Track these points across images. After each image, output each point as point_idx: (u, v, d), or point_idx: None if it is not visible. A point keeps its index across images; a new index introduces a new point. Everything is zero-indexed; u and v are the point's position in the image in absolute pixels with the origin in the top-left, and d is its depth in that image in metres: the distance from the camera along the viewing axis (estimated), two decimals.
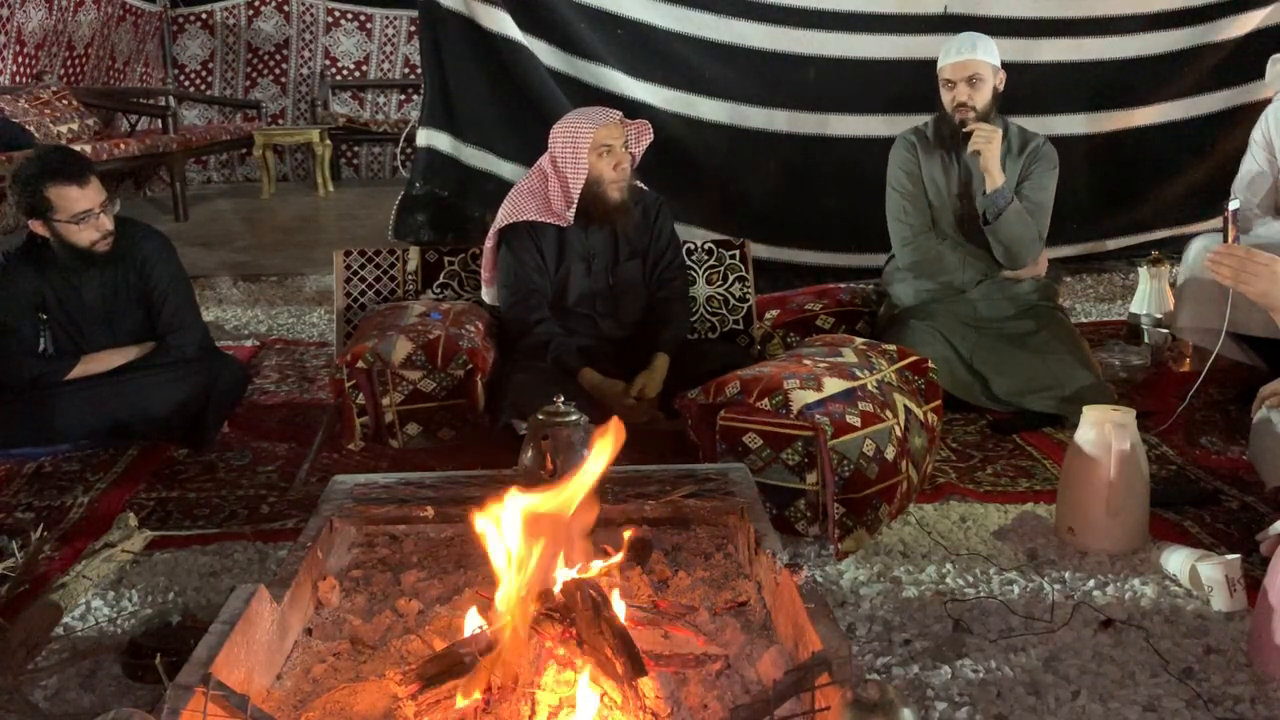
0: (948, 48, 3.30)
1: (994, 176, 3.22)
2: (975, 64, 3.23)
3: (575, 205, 3.07)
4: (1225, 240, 2.45)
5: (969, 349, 3.26)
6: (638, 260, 3.23)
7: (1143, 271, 3.93)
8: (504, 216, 3.16)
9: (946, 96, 3.31)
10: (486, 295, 3.35)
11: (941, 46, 3.34)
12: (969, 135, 3.22)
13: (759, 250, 4.16)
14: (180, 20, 8.77)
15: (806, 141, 4.87)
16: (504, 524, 1.65)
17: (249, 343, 4.22)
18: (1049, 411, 3.13)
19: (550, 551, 1.65)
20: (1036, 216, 3.31)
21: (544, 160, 3.16)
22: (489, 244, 3.26)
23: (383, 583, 2.05)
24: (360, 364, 2.99)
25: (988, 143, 3.19)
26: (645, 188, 3.25)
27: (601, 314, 3.20)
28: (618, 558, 1.91)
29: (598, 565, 1.82)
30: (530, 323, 3.10)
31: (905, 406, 2.52)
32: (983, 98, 3.25)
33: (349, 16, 9.13)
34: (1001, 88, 3.31)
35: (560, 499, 1.65)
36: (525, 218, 3.11)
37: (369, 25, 9.15)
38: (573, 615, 1.60)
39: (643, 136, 3.18)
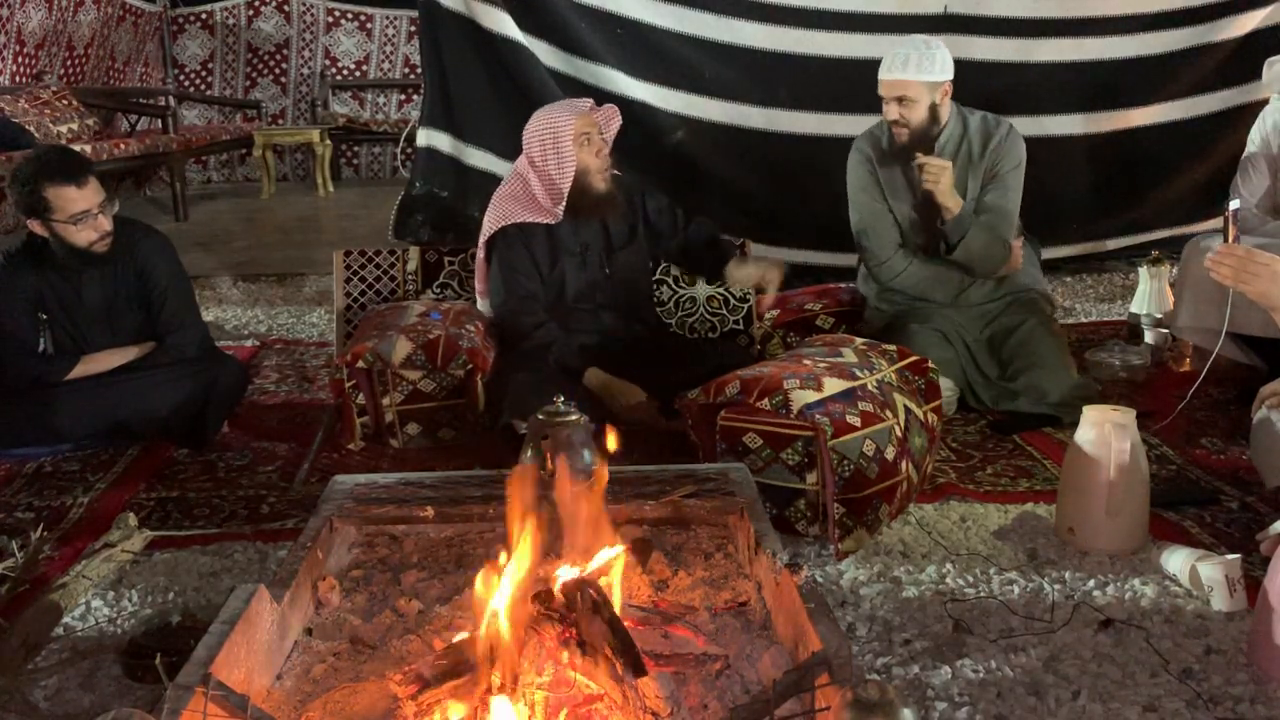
0: (885, 59, 3.19)
1: (949, 210, 3.16)
2: (902, 85, 3.13)
3: (565, 199, 3.06)
4: (1225, 240, 2.45)
5: (959, 352, 3.26)
6: (637, 243, 3.22)
7: (1143, 271, 3.93)
8: (490, 224, 3.15)
9: (884, 109, 3.22)
10: (482, 306, 3.34)
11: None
12: (921, 163, 3.13)
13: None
14: (180, 20, 8.76)
15: (806, 141, 4.87)
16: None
17: (249, 343, 4.22)
18: (1041, 413, 3.13)
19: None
20: (1001, 222, 3.23)
21: (520, 164, 3.15)
22: (479, 255, 3.25)
23: (383, 583, 2.04)
24: (360, 364, 2.99)
25: (936, 182, 3.11)
26: (619, 174, 3.24)
27: (602, 305, 3.20)
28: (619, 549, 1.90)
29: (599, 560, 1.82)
30: (529, 327, 3.09)
31: (905, 406, 2.52)
32: (916, 116, 3.15)
33: (349, 16, 9.12)
34: (949, 95, 3.20)
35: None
36: (514, 220, 3.11)
37: (369, 25, 9.15)
38: (573, 615, 1.60)
39: (612, 121, 3.18)
